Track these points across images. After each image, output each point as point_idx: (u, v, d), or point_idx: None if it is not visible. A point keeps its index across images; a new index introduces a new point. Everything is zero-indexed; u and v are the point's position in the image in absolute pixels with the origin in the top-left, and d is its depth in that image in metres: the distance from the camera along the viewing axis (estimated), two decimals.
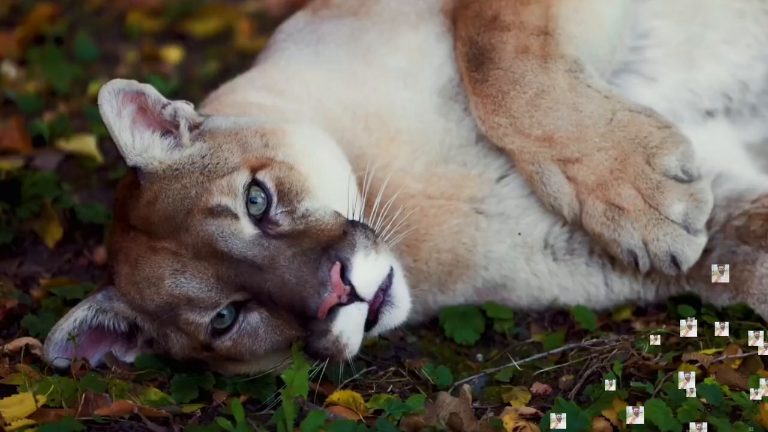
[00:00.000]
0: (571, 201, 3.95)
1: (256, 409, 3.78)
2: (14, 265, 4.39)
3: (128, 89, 3.76)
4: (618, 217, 3.90)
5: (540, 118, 3.92)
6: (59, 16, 6.31)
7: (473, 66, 3.99)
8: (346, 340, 3.61)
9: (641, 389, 3.70)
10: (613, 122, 3.90)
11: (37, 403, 3.62)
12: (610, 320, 4.14)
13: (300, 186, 3.68)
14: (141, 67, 5.90)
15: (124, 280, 3.74)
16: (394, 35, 4.11)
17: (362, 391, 3.85)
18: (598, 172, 3.90)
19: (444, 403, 3.66)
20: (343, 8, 4.22)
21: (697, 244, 3.90)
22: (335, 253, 3.55)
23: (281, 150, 3.76)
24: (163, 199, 3.69)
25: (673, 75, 4.19)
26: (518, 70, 3.94)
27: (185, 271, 3.64)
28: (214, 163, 3.72)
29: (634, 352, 3.84)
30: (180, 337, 3.74)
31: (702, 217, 3.88)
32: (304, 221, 3.64)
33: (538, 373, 3.92)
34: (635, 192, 3.88)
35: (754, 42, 4.23)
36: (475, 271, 4.11)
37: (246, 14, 6.39)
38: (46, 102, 5.48)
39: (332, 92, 4.05)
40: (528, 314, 4.21)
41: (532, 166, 3.95)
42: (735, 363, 3.78)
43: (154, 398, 3.73)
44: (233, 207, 3.63)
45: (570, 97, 3.91)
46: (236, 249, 3.60)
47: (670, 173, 3.88)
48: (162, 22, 6.34)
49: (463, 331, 4.12)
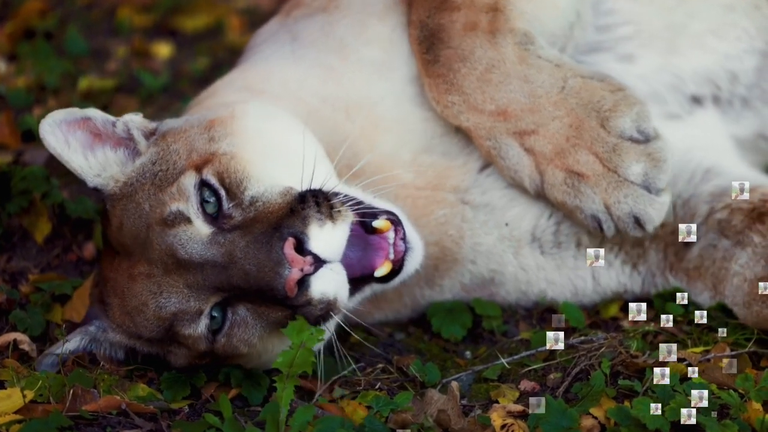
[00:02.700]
0: (531, 173, 3.94)
1: (243, 405, 3.78)
2: (3, 260, 4.38)
3: (70, 118, 3.80)
4: (578, 184, 3.90)
5: (492, 92, 3.92)
6: (49, 11, 6.29)
7: (424, 48, 3.99)
8: (333, 297, 3.60)
9: (629, 387, 3.71)
10: (566, 90, 3.90)
11: (25, 398, 3.61)
12: (599, 318, 4.14)
13: (241, 175, 3.66)
14: (131, 63, 5.89)
15: (117, 312, 3.77)
16: (364, 28, 4.12)
17: (350, 387, 3.85)
18: (554, 141, 3.90)
19: (432, 400, 3.67)
20: (314, 6, 4.24)
21: (659, 203, 3.88)
22: (286, 230, 3.54)
23: (226, 140, 3.75)
24: (126, 220, 3.72)
25: (652, 57, 4.18)
26: (467, 47, 3.94)
27: (162, 291, 3.65)
28: (164, 169, 3.72)
29: (622, 350, 3.85)
30: (181, 350, 3.75)
31: (662, 176, 3.87)
32: (252, 208, 3.62)
33: (526, 371, 3.93)
34: (593, 157, 3.88)
35: (744, 35, 4.22)
36: (462, 266, 4.11)
37: (236, 10, 6.38)
38: (36, 97, 5.46)
39: (311, 87, 4.05)
40: (516, 311, 4.21)
41: (489, 142, 3.95)
42: (722, 361, 3.79)
43: (142, 394, 3.73)
44: (186, 211, 3.63)
45: (520, 70, 3.91)
46: (195, 253, 3.60)
47: (626, 134, 3.87)
48: (152, 18, 6.33)
49: (451, 327, 4.13)
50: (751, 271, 3.94)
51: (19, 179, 4.54)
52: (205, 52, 6.00)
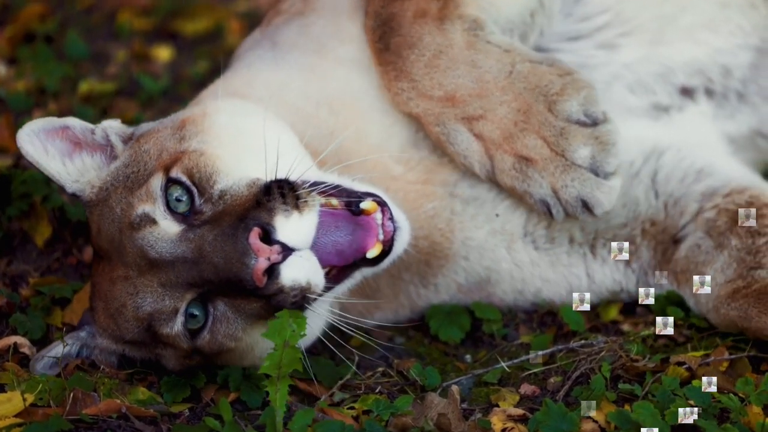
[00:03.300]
0: (481, 158, 3.94)
1: (244, 408, 3.78)
2: (3, 264, 4.38)
3: (49, 127, 3.83)
4: (526, 168, 3.89)
5: (440, 78, 3.92)
6: (49, 15, 6.29)
7: (376, 36, 4.01)
8: (305, 283, 3.58)
9: (629, 391, 3.71)
10: (513, 74, 3.90)
11: (25, 401, 3.61)
12: (599, 321, 4.14)
13: (210, 169, 3.66)
14: (131, 66, 5.89)
15: (102, 315, 3.78)
16: (338, 27, 4.14)
17: (350, 391, 3.85)
18: (502, 125, 3.89)
19: (432, 404, 3.67)
20: (291, 11, 4.27)
21: (608, 187, 3.86)
22: (251, 221, 3.53)
23: (197, 138, 3.75)
24: (102, 225, 3.74)
25: (637, 47, 4.17)
26: (416, 34, 3.94)
27: (138, 292, 3.66)
28: (135, 171, 3.74)
29: (623, 354, 3.85)
30: (168, 351, 3.75)
31: (610, 159, 3.85)
32: (221, 202, 3.62)
33: (526, 375, 3.93)
34: (541, 141, 3.87)
35: (738, 31, 4.21)
36: (455, 262, 4.11)
37: (236, 14, 6.38)
38: (36, 100, 5.47)
39: (294, 88, 4.06)
40: (516, 315, 4.21)
41: (438, 128, 3.95)
42: (722, 365, 3.79)
43: (142, 397, 3.73)
44: (152, 213, 3.64)
45: (468, 55, 3.91)
46: (165, 251, 3.61)
47: (573, 118, 3.86)
48: (152, 21, 6.32)
49: (449, 329, 4.13)
50: (722, 275, 3.95)
51: (20, 183, 4.54)
52: (205, 56, 6.01)
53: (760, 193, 4.06)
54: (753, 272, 3.89)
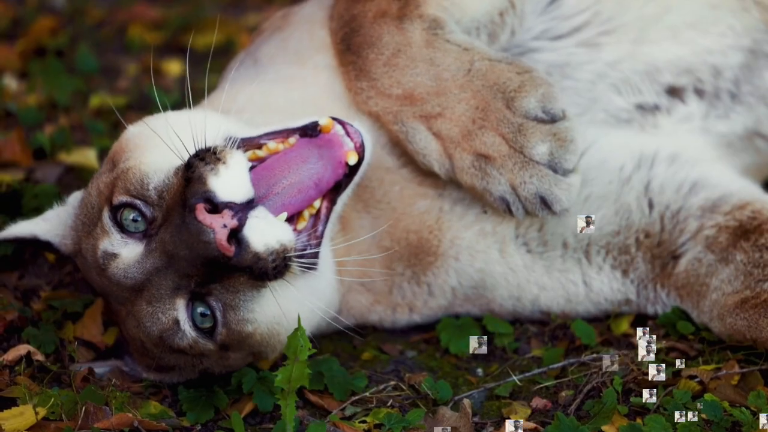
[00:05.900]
0: (439, 157, 3.94)
1: (256, 422, 3.78)
2: (15, 278, 4.39)
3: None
4: (485, 166, 3.88)
5: (398, 77, 3.93)
6: (60, 29, 6.32)
7: (339, 38, 4.04)
8: (279, 245, 3.58)
9: (641, 404, 3.71)
10: (472, 72, 3.90)
11: (37, 415, 3.62)
12: (610, 335, 4.14)
13: (139, 176, 3.68)
14: (142, 80, 5.91)
15: (137, 355, 3.87)
16: (312, 36, 4.17)
17: (362, 405, 3.85)
18: (461, 123, 3.89)
19: (444, 418, 3.67)
20: (271, 28, 4.33)
21: (567, 184, 3.85)
22: (190, 199, 3.53)
23: (122, 161, 3.79)
24: (87, 275, 3.86)
25: (619, 45, 4.15)
26: (376, 33, 3.96)
27: (139, 323, 3.69)
28: (88, 214, 3.82)
29: (634, 368, 3.85)
30: (204, 359, 3.76)
31: (569, 156, 3.84)
32: (163, 201, 3.65)
33: (537, 388, 3.93)
34: (499, 138, 3.86)
35: (729, 32, 4.18)
36: (445, 261, 4.10)
37: (247, 27, 6.40)
38: (47, 114, 5.48)
39: (277, 97, 4.08)
40: (528, 329, 4.21)
41: (396, 126, 3.95)
42: (734, 378, 3.79)
43: (154, 411, 3.73)
44: (109, 247, 3.68)
45: (426, 53, 3.92)
46: (138, 274, 3.64)
47: (531, 114, 3.85)
48: (163, 35, 6.35)
49: (459, 342, 4.13)
50: (729, 286, 3.94)
51: (31, 197, 4.56)
52: (216, 70, 6.02)
53: (761, 207, 4.05)
54: (762, 284, 3.88)
